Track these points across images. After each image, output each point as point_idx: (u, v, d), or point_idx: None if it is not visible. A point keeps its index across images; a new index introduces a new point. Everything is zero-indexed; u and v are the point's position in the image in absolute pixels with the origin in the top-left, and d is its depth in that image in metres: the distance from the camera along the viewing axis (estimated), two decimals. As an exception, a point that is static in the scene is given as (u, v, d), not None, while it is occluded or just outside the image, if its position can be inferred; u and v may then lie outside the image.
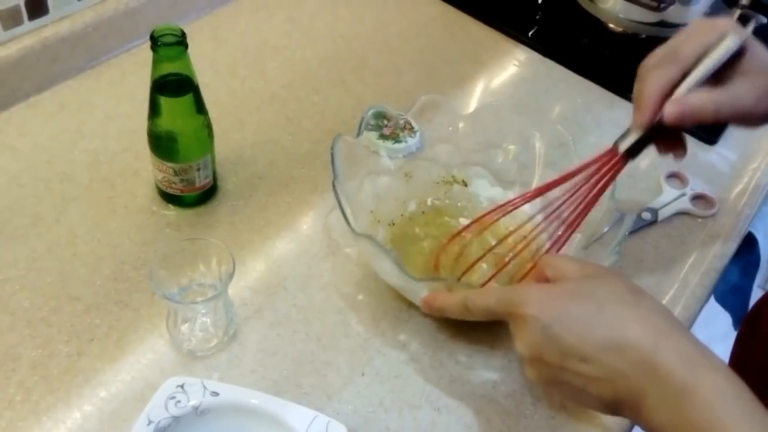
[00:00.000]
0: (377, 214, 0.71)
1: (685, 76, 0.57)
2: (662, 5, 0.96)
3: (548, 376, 0.51)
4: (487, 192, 0.75)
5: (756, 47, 0.58)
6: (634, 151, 0.60)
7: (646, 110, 0.57)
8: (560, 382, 0.50)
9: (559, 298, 0.50)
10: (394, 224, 0.72)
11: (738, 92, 0.57)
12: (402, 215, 0.73)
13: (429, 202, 0.75)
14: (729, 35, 0.56)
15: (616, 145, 0.61)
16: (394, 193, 0.73)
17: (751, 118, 0.58)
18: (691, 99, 0.56)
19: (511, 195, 0.72)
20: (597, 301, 0.49)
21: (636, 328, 0.47)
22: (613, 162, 0.60)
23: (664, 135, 0.60)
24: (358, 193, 0.69)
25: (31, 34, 0.79)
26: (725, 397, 0.44)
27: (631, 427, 0.63)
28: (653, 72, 0.58)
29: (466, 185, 0.76)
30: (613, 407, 0.49)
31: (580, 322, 0.48)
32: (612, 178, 0.61)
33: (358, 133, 0.72)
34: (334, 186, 0.63)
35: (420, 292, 0.61)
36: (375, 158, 0.73)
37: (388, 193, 0.73)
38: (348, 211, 0.62)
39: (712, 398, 0.44)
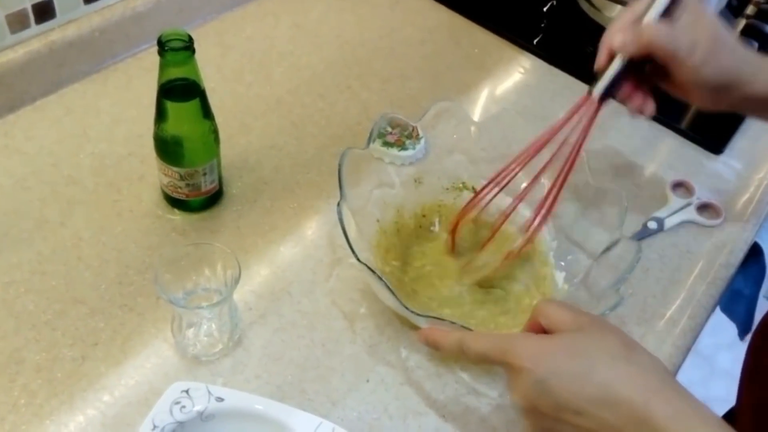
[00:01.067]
0: (383, 222, 0.71)
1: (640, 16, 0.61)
2: (668, 14, 0.96)
3: (544, 426, 0.52)
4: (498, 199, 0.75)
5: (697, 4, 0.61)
6: (607, 93, 0.63)
7: (602, 49, 0.62)
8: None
9: (553, 353, 0.50)
10: (400, 231, 0.72)
11: (678, 33, 0.59)
12: (409, 217, 0.73)
13: (437, 207, 0.75)
14: None
15: (589, 91, 0.63)
16: (402, 200, 0.73)
17: (688, 70, 0.60)
18: (636, 26, 0.60)
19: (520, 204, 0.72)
20: (590, 357, 0.49)
21: (628, 386, 0.47)
22: (590, 108, 0.63)
23: (633, 73, 0.62)
24: (366, 202, 0.69)
25: (38, 38, 0.79)
26: None
27: None
28: (611, 23, 0.63)
29: (475, 191, 0.76)
30: None
31: (574, 379, 0.49)
32: (591, 124, 0.63)
33: (368, 143, 0.71)
34: (338, 209, 0.62)
35: (417, 322, 0.61)
36: (383, 167, 0.73)
37: (396, 200, 0.73)
38: (351, 235, 0.61)
39: None
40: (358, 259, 0.60)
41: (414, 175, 0.74)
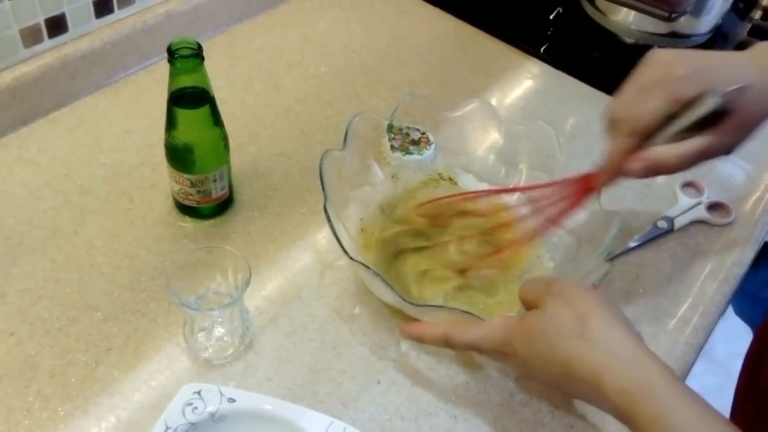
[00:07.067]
0: (366, 222, 0.71)
1: (649, 135, 0.60)
2: (673, 15, 0.96)
3: (551, 383, 0.56)
4: (475, 187, 0.76)
5: (746, 101, 0.59)
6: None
7: (610, 172, 0.63)
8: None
9: (519, 338, 0.54)
10: (383, 230, 0.72)
11: (712, 143, 0.59)
12: (391, 217, 0.74)
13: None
14: (708, 97, 0.57)
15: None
16: (381, 197, 0.74)
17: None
18: (653, 155, 0.60)
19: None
20: (547, 339, 0.52)
21: (580, 366, 0.50)
22: (588, 187, 0.65)
23: None
24: (347, 203, 0.70)
25: (51, 52, 0.81)
26: (662, 425, 0.46)
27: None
28: (616, 135, 0.61)
29: (454, 183, 0.77)
30: None
31: (541, 362, 0.53)
32: (583, 202, 0.66)
33: (345, 143, 0.71)
34: (325, 209, 0.63)
35: (416, 314, 0.62)
36: (365, 169, 0.74)
37: (376, 198, 0.73)
38: (342, 235, 0.62)
39: (648, 428, 0.47)
40: (351, 258, 0.60)
41: (391, 171, 0.75)
